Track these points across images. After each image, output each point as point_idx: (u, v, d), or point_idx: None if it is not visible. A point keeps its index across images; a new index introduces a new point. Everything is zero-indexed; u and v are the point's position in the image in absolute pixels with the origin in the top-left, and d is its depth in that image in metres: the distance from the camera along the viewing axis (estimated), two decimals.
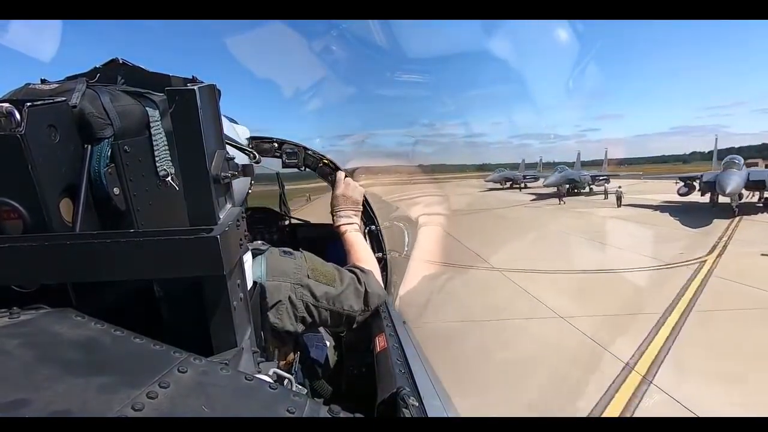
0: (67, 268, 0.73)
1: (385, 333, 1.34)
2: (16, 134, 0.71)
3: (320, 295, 1.29)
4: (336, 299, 1.32)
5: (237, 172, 0.89)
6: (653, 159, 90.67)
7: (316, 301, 1.28)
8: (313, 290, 1.28)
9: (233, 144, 1.13)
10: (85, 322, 0.69)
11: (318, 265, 1.36)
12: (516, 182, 47.91)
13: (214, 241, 0.73)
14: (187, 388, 0.59)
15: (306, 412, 0.62)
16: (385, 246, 2.10)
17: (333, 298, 1.31)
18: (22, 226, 0.75)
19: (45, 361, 0.58)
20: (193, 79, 0.92)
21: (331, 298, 1.31)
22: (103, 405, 0.50)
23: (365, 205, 1.96)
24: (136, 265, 0.73)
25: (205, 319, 0.83)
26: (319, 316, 1.30)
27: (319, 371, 1.55)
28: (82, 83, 0.88)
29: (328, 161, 2.12)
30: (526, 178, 47.89)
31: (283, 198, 3.04)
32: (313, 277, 1.30)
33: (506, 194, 42.14)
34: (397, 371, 1.09)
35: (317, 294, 1.29)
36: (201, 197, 0.80)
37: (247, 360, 0.86)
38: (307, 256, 1.37)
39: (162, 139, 0.96)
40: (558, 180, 35.31)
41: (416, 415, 0.87)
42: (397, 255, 2.23)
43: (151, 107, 0.95)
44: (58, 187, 0.79)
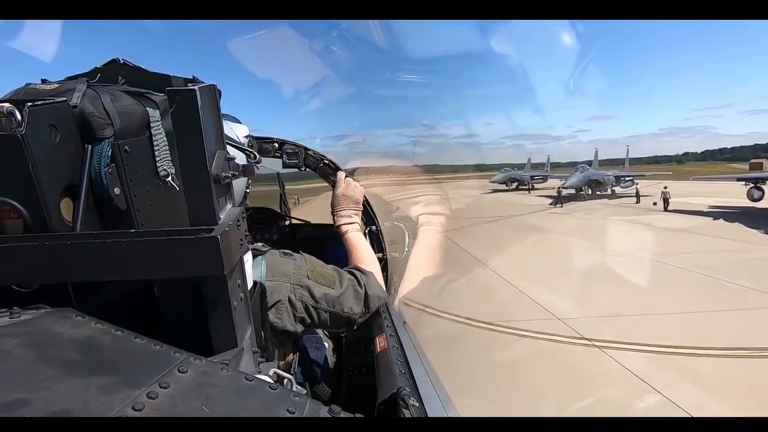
0: (67, 268, 0.73)
1: (386, 333, 1.34)
2: (16, 134, 0.71)
3: (319, 297, 1.29)
4: (335, 301, 1.32)
5: (237, 172, 0.90)
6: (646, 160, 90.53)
7: (315, 302, 1.28)
8: (313, 291, 1.28)
9: (233, 144, 1.14)
10: (85, 322, 0.69)
11: (318, 266, 1.36)
12: (523, 183, 44.79)
13: (215, 242, 0.73)
14: (187, 388, 0.59)
15: (306, 412, 0.62)
16: (385, 246, 2.10)
17: (332, 299, 1.31)
18: (22, 226, 0.75)
19: (45, 361, 0.58)
20: (194, 79, 0.92)
21: (330, 299, 1.31)
22: (103, 405, 0.50)
23: (365, 205, 1.96)
24: (136, 265, 0.73)
25: (205, 319, 0.83)
26: (319, 317, 1.30)
27: (318, 372, 1.55)
28: (83, 83, 0.88)
29: (328, 161, 2.13)
30: (534, 178, 45.11)
31: (284, 198, 3.04)
32: (313, 279, 1.31)
33: (515, 197, 38.76)
34: (398, 371, 1.09)
35: (316, 295, 1.29)
36: (201, 197, 0.80)
37: (248, 360, 0.86)
38: (307, 258, 1.37)
39: (162, 139, 0.96)
40: (580, 181, 33.16)
41: (416, 415, 0.87)
42: (397, 255, 2.23)
43: (152, 107, 0.95)
44: (58, 187, 0.79)
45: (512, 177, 46.46)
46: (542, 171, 50.72)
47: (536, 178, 45.49)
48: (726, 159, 31.95)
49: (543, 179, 45.14)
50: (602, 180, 34.42)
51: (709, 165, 31.27)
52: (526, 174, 46.46)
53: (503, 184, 46.29)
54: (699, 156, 67.22)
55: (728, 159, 32.02)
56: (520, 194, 41.04)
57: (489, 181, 48.60)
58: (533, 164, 52.15)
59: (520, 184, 45.05)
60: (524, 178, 45.26)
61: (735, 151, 37.83)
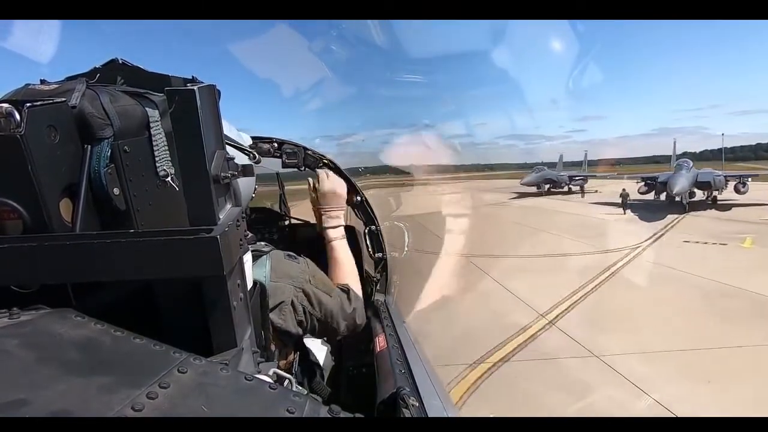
0: (67, 268, 0.73)
1: (385, 333, 1.34)
2: (16, 135, 0.71)
3: (316, 303, 1.30)
4: (329, 312, 1.34)
5: (237, 172, 0.90)
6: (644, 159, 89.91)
7: (312, 308, 1.30)
8: (312, 297, 1.30)
9: (233, 144, 1.14)
10: (85, 322, 0.69)
11: (318, 273, 1.37)
12: (558, 184, 35.57)
13: (214, 242, 0.73)
14: (187, 388, 0.58)
15: (306, 412, 0.62)
16: (385, 246, 2.10)
17: (327, 310, 1.33)
18: (22, 226, 0.75)
19: (45, 361, 0.57)
20: (193, 80, 0.92)
21: (325, 309, 1.33)
22: (102, 405, 0.50)
23: (365, 204, 1.96)
24: (136, 265, 0.73)
25: (205, 319, 0.83)
26: (311, 323, 1.31)
27: (318, 373, 1.56)
28: (82, 83, 0.88)
29: (328, 161, 2.13)
30: (575, 179, 35.87)
31: (283, 198, 3.04)
32: (314, 284, 1.32)
33: (566, 203, 28.79)
34: (397, 371, 1.10)
35: (314, 302, 1.30)
36: (201, 197, 0.80)
37: (247, 360, 0.86)
38: (309, 263, 1.38)
39: (162, 139, 0.96)
40: (537, 179, 31.96)
41: (416, 415, 0.87)
42: (397, 255, 2.23)
43: (151, 107, 0.95)
44: (58, 188, 0.79)
45: (547, 177, 36.31)
46: (580, 170, 40.87)
47: (577, 179, 36.04)
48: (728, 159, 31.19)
49: (584, 180, 35.69)
50: (556, 179, 35.16)
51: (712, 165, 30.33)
52: (563, 174, 37.07)
53: (534, 186, 36.00)
54: (698, 156, 66.73)
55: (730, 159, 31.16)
56: (558, 199, 32.05)
57: (520, 182, 38.02)
58: (545, 163, 41.99)
59: (554, 185, 35.86)
60: (561, 180, 35.97)
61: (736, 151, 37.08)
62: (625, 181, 32.62)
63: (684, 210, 22.62)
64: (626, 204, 24.25)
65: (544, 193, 35.32)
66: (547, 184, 36.02)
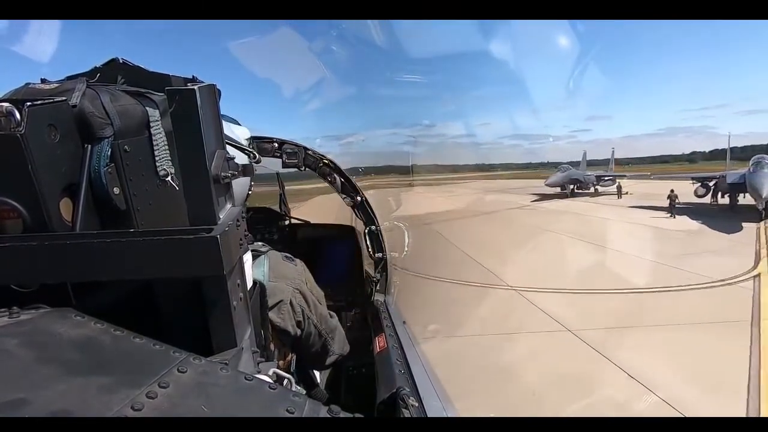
0: (67, 268, 0.73)
1: (385, 333, 1.34)
2: (16, 134, 0.71)
3: (313, 305, 1.32)
4: (322, 318, 1.36)
5: (237, 172, 0.90)
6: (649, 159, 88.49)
7: (309, 309, 1.31)
8: (308, 298, 1.31)
9: (233, 144, 1.14)
10: (85, 322, 0.69)
11: (312, 280, 1.40)
12: (585, 185, 31.65)
13: (214, 241, 0.73)
14: (186, 388, 0.58)
15: (305, 412, 0.62)
16: (385, 246, 2.10)
17: (322, 315, 1.35)
18: (22, 226, 0.75)
19: (45, 361, 0.57)
20: (193, 79, 0.92)
21: (320, 313, 1.34)
22: (102, 405, 0.50)
23: (365, 204, 1.96)
24: (136, 265, 0.73)
25: (204, 319, 0.83)
26: (306, 327, 1.32)
27: (317, 374, 1.56)
28: (82, 83, 0.88)
29: (328, 161, 2.13)
30: (602, 180, 32.16)
31: (283, 198, 3.04)
32: (310, 288, 1.34)
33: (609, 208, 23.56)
34: (397, 371, 1.10)
35: (311, 303, 1.31)
36: (201, 197, 0.80)
37: (247, 360, 0.86)
38: (305, 268, 1.40)
39: (162, 138, 0.96)
40: (562, 179, 28.51)
41: (416, 415, 0.87)
42: (397, 255, 2.23)
43: (151, 107, 0.95)
44: (58, 187, 0.79)
45: (573, 177, 31.78)
46: (606, 169, 36.59)
47: (606, 179, 32.34)
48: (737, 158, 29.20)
49: (612, 180, 32.08)
50: (583, 179, 30.64)
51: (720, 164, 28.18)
52: (590, 174, 32.92)
53: (559, 187, 31.59)
54: (708, 155, 65.96)
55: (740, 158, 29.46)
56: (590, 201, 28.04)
57: (544, 183, 33.27)
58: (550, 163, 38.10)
59: (580, 186, 31.76)
60: (588, 180, 31.84)
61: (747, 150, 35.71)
62: (652, 180, 29.31)
63: (760, 217, 17.49)
64: (675, 207, 19.83)
65: (569, 194, 30.78)
66: (572, 184, 31.43)
